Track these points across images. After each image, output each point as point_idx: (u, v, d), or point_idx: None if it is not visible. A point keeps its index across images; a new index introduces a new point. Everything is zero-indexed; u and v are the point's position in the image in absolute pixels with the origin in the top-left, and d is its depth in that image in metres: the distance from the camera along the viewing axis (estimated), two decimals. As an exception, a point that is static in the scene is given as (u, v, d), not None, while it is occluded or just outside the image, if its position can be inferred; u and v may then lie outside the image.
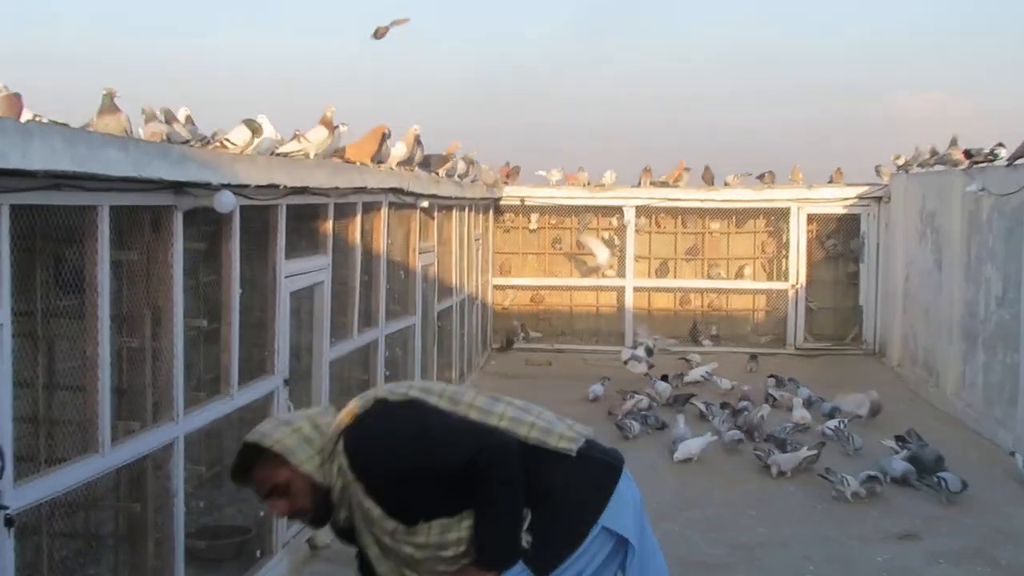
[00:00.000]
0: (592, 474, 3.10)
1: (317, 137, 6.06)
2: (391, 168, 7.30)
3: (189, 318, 4.62)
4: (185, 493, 4.50)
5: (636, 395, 9.63)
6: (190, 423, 4.52)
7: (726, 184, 13.87)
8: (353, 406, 3.02)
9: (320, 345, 6.09)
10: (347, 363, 6.90)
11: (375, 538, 2.97)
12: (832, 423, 8.79)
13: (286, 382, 5.46)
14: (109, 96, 4.70)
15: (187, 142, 5.62)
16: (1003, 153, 9.33)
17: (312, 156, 6.05)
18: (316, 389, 6.09)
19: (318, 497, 2.95)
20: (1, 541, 3.19)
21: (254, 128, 5.80)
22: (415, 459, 2.90)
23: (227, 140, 5.86)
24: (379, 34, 7.87)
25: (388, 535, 2.93)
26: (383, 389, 3.11)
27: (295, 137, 6.12)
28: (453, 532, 2.92)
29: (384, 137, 7.43)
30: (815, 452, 7.72)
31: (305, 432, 2.98)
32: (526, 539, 2.97)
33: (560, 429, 3.12)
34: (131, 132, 5.99)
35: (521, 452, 2.97)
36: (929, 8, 25.83)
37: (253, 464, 2.97)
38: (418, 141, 8.09)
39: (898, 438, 8.12)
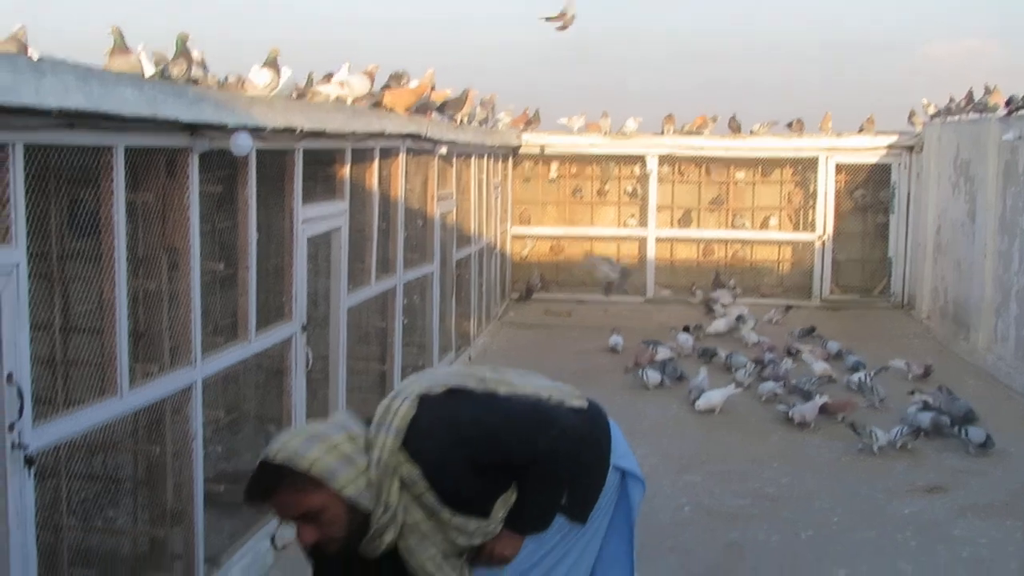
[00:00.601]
0: (598, 422, 3.15)
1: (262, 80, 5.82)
2: (409, 113, 7.17)
3: (206, 262, 4.56)
4: (203, 438, 4.46)
5: (660, 346, 9.53)
6: (208, 367, 4.47)
7: (752, 132, 13.64)
8: (403, 411, 2.75)
9: (338, 292, 6.02)
10: (365, 310, 6.84)
11: (443, 546, 2.79)
12: (856, 376, 8.70)
13: (304, 328, 5.40)
14: (118, 35, 4.59)
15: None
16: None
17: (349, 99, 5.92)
18: (334, 336, 6.03)
19: (355, 523, 2.65)
20: (22, 481, 3.16)
21: (276, 68, 5.70)
22: (490, 451, 2.77)
23: (249, 81, 5.77)
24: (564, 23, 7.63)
25: (466, 535, 2.80)
26: (416, 385, 2.86)
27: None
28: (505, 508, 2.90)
29: (428, 92, 7.33)
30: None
31: (345, 450, 2.64)
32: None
33: (566, 389, 3.15)
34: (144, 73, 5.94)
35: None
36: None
37: (278, 487, 2.59)
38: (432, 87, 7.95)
39: (911, 393, 8.01)
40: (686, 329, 10.42)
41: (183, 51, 5.24)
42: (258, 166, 4.82)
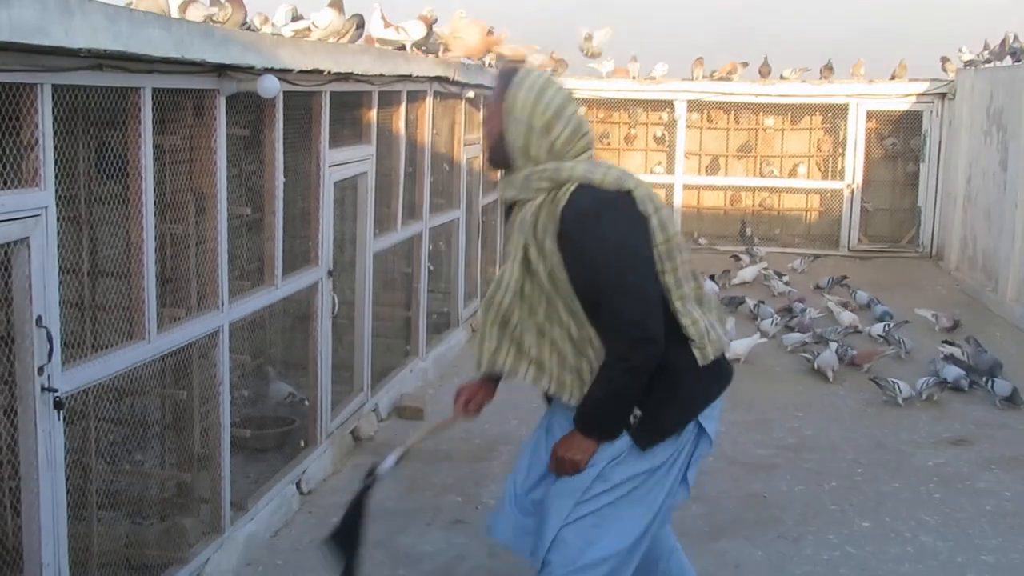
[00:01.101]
0: (712, 372, 3.05)
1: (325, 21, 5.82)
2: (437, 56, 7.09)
3: (233, 206, 4.54)
4: (230, 382, 4.48)
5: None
6: (235, 312, 4.47)
7: (782, 78, 13.45)
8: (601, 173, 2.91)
9: (364, 237, 6.00)
10: (391, 255, 6.83)
11: (526, 251, 2.97)
12: (878, 327, 8.65)
13: (330, 273, 5.40)
14: None
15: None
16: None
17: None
18: (359, 281, 6.03)
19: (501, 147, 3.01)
20: (52, 424, 3.18)
21: (341, 9, 5.67)
22: (599, 258, 2.85)
23: (313, 24, 5.74)
24: None
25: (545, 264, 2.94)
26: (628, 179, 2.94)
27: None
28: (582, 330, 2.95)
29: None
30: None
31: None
32: (636, 413, 2.96)
33: (719, 341, 3.07)
34: (251, 26, 5.98)
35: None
36: None
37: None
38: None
39: (946, 342, 7.96)
40: (711, 278, 10.38)
41: None
42: (285, 109, 4.78)
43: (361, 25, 6.54)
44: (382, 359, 6.60)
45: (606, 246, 2.86)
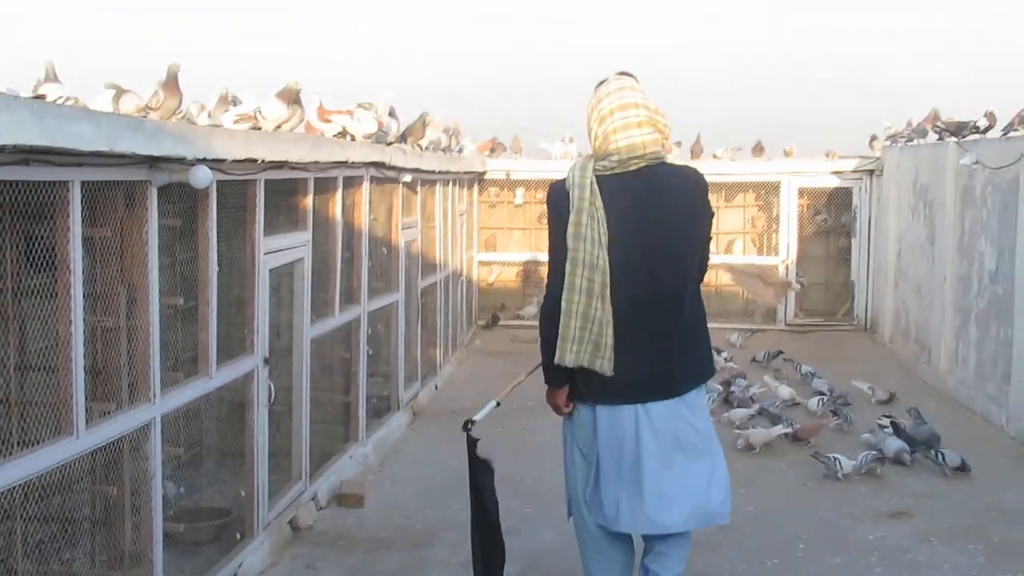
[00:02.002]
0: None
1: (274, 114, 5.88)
2: (372, 142, 7.15)
3: (165, 296, 4.51)
4: (163, 475, 4.39)
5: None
6: (168, 404, 4.41)
7: (715, 157, 13.74)
8: None
9: (301, 323, 5.97)
10: (329, 341, 6.79)
11: None
12: (814, 400, 8.76)
13: (266, 361, 5.35)
14: (174, 71, 4.64)
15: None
16: (983, 124, 9.26)
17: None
18: (297, 367, 5.98)
19: None
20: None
21: (292, 102, 5.72)
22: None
23: (260, 114, 5.77)
24: None
25: None
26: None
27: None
28: None
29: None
30: (790, 430, 7.72)
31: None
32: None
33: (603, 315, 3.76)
34: (190, 118, 6.00)
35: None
36: None
37: None
38: (392, 113, 7.91)
39: (886, 416, 8.05)
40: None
41: (172, 84, 5.32)
42: (219, 197, 4.78)
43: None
44: (321, 445, 6.52)
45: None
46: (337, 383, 7.09)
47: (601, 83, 3.85)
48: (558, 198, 3.75)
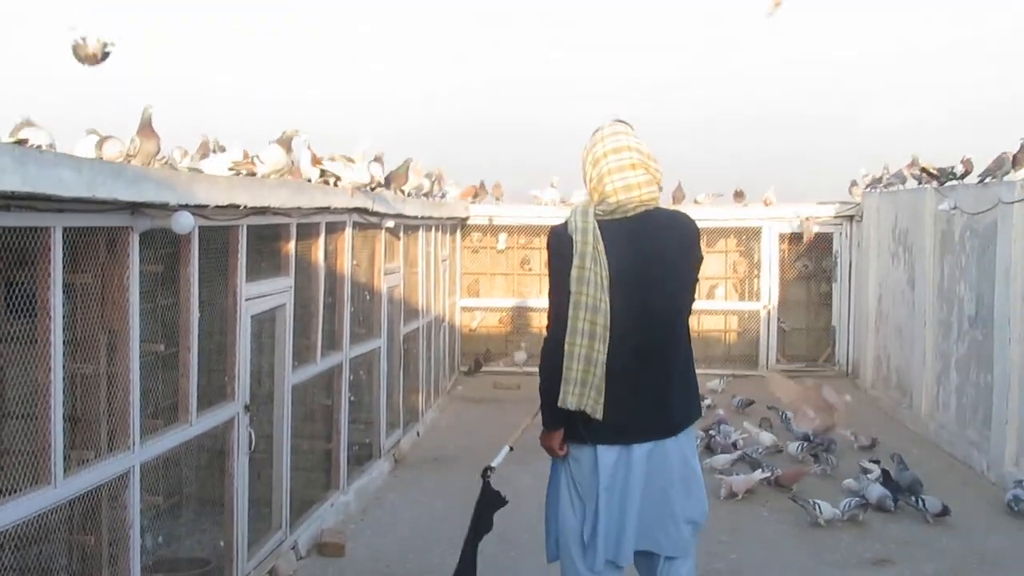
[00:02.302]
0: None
1: (272, 158, 5.94)
2: (355, 188, 7.17)
3: (146, 343, 4.47)
4: (141, 525, 4.34)
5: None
6: (147, 452, 4.37)
7: (696, 202, 13.82)
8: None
9: (282, 369, 5.94)
10: (310, 387, 6.75)
11: None
12: (795, 445, 8.75)
13: (247, 408, 5.31)
14: (148, 114, 4.66)
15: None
16: (960, 170, 9.36)
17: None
18: (278, 414, 5.94)
19: None
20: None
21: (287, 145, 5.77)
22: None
23: (258, 159, 5.81)
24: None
25: None
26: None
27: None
28: None
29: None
30: (770, 474, 7.71)
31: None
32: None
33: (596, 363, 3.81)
34: (172, 163, 6.03)
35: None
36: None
37: None
38: (377, 159, 7.97)
39: (873, 461, 8.05)
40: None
41: (147, 128, 5.30)
42: (201, 243, 4.77)
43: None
44: (302, 493, 6.46)
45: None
46: (318, 430, 7.05)
47: (597, 129, 3.96)
48: (559, 242, 3.84)
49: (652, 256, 3.85)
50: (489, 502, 4.26)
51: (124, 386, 4.20)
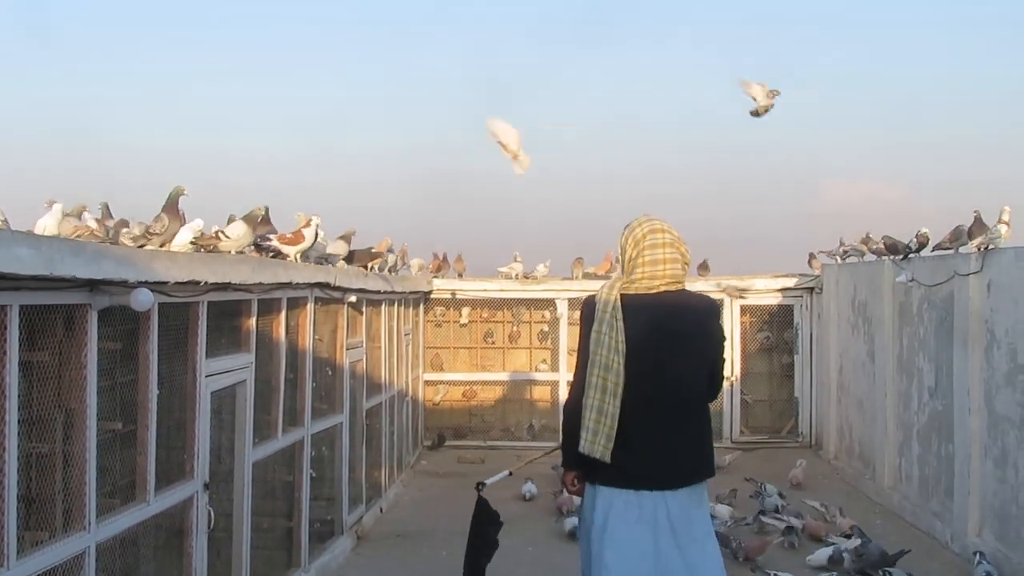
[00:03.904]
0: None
1: (237, 232, 6.00)
2: (318, 263, 7.18)
3: (103, 420, 4.42)
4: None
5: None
6: (103, 532, 4.30)
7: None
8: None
9: (243, 446, 5.88)
10: (271, 464, 6.67)
11: None
12: (765, 516, 8.74)
13: (206, 486, 5.24)
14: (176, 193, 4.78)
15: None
16: (914, 244, 9.51)
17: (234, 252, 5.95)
18: (238, 491, 5.86)
19: None
20: None
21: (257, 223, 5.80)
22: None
23: (223, 233, 5.85)
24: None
25: None
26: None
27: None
28: None
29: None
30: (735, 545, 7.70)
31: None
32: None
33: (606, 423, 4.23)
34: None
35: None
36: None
37: None
38: (344, 237, 8.05)
39: (846, 536, 8.04)
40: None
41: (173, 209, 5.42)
42: (161, 320, 4.74)
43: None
44: (262, 572, 6.34)
45: None
46: (280, 507, 6.95)
47: (631, 221, 4.43)
48: (588, 311, 4.35)
49: (668, 329, 4.25)
50: (485, 517, 4.78)
51: (80, 465, 4.14)
